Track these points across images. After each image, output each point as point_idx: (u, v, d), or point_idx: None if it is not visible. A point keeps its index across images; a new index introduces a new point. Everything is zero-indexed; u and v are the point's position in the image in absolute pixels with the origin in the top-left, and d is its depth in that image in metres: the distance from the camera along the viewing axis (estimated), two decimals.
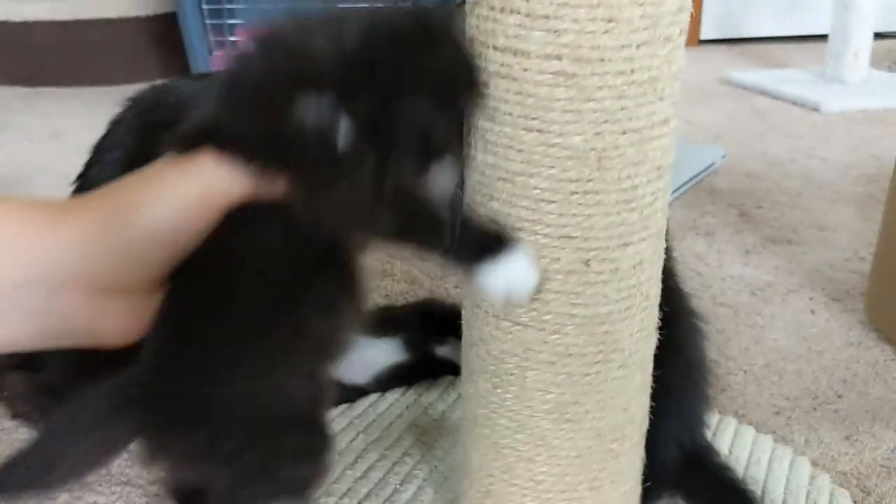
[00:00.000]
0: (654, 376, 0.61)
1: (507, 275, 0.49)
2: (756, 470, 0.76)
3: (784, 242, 1.31)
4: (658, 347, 0.60)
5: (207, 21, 2.02)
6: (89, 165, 0.80)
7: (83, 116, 2.08)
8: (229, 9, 2.05)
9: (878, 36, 2.44)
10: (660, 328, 0.59)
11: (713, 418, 0.84)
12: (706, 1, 3.14)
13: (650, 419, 0.62)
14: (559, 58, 0.47)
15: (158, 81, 0.85)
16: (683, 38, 0.51)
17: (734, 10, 3.17)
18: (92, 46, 2.37)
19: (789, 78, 2.39)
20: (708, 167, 1.62)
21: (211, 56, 2.08)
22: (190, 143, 0.48)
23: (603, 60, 0.47)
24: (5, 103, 2.24)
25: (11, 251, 0.47)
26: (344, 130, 0.43)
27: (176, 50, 2.22)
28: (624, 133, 0.49)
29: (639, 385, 0.59)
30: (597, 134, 0.49)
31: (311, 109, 0.43)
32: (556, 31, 0.47)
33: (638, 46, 0.48)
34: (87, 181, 0.80)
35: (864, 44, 2.26)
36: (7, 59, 2.38)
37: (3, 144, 1.88)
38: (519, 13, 0.47)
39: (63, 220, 0.48)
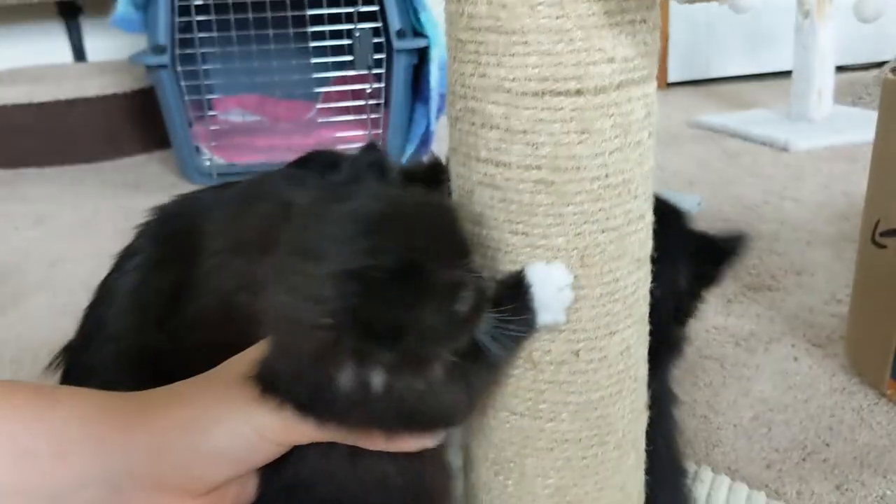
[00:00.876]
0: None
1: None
2: None
3: (764, 289, 1.34)
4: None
5: (186, 97, 2.05)
6: (112, 270, 0.82)
7: (66, 197, 2.10)
8: (207, 84, 2.09)
9: (841, 69, 2.52)
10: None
11: (707, 476, 0.86)
12: (672, 44, 3.22)
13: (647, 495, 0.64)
14: (538, 168, 0.50)
15: (183, 193, 0.86)
16: (653, 140, 0.54)
17: (700, 52, 3.25)
18: (72, 126, 2.40)
19: (756, 119, 2.45)
20: None
21: (190, 129, 2.11)
22: (258, 384, 0.49)
23: (579, 168, 0.50)
24: None
25: (88, 448, 0.48)
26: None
27: (154, 125, 2.26)
28: (603, 232, 0.52)
29: (633, 463, 0.61)
30: (577, 234, 0.52)
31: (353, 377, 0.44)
32: (534, 145, 0.50)
33: (611, 153, 0.51)
34: (107, 287, 0.82)
35: (826, 81, 2.33)
36: None
37: None
38: (499, 128, 0.51)
39: (137, 423, 0.49)
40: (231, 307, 0.77)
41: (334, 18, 2.07)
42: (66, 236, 1.77)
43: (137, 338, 0.77)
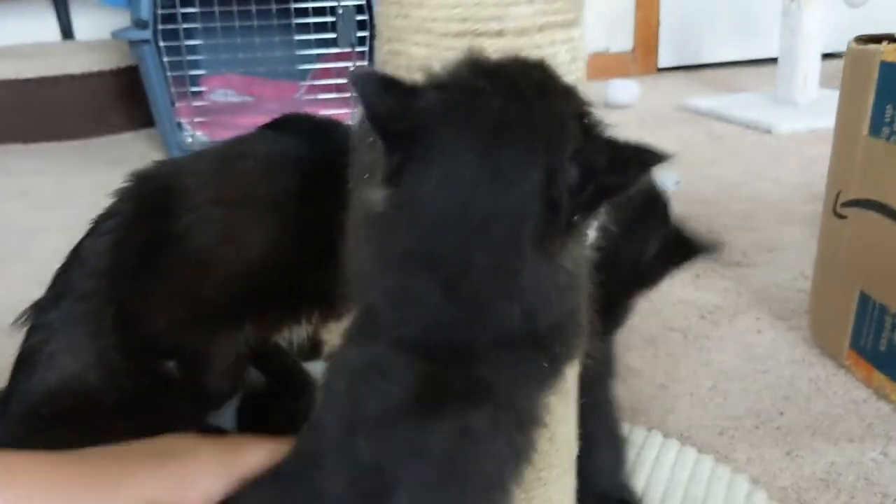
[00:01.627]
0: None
1: None
2: (696, 489, 0.79)
3: (733, 265, 1.34)
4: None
5: (169, 73, 2.05)
6: (87, 234, 0.82)
7: (51, 172, 2.10)
8: (190, 60, 2.09)
9: (828, 56, 2.51)
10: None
11: (656, 440, 0.87)
12: (663, 29, 3.22)
13: None
14: None
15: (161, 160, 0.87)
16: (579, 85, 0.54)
17: (690, 38, 3.24)
18: (57, 103, 2.40)
19: (742, 102, 2.45)
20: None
21: (173, 108, 2.11)
22: None
23: None
24: None
25: None
26: None
27: (140, 102, 2.25)
28: None
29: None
30: None
31: None
32: None
33: None
34: (82, 249, 0.82)
35: (812, 66, 2.32)
36: None
37: None
38: (423, 70, 0.51)
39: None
40: (211, 257, 0.77)
41: None
42: (46, 208, 1.77)
43: (108, 298, 0.78)
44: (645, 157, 0.44)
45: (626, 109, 2.57)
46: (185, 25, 2.02)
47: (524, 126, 0.43)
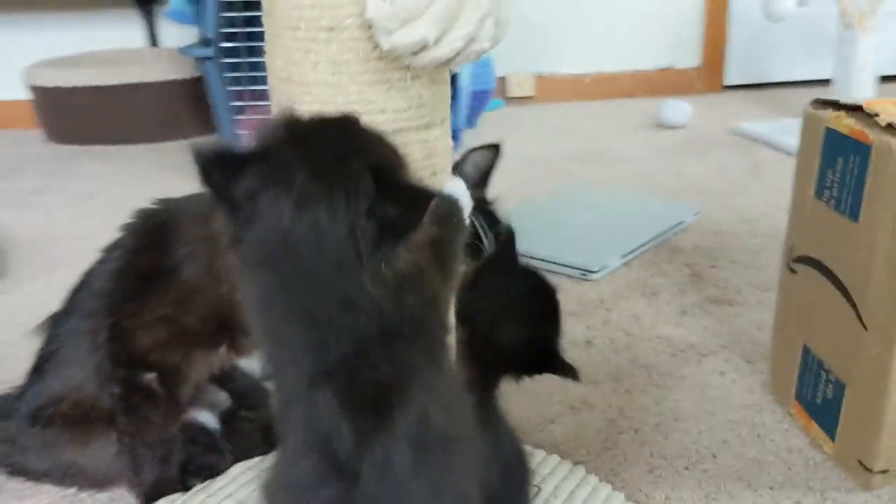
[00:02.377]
0: None
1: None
2: None
3: (724, 303, 1.38)
4: None
5: (229, 87, 2.20)
6: (98, 260, 0.95)
7: (119, 176, 2.29)
8: (251, 76, 2.23)
9: (887, 79, 2.47)
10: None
11: (563, 470, 0.92)
12: (731, 46, 3.20)
13: None
14: None
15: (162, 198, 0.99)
16: (441, 178, 0.62)
17: (759, 56, 3.21)
18: (136, 108, 2.59)
19: (794, 128, 2.42)
20: (676, 225, 1.70)
21: (234, 119, 2.26)
22: None
23: None
24: (55, 162, 2.48)
25: None
26: None
27: (209, 110, 2.42)
28: None
29: None
30: None
31: None
32: None
33: None
34: (91, 273, 0.95)
35: (865, 93, 2.29)
36: (58, 120, 2.64)
37: (44, 205, 2.09)
38: None
39: None
40: (195, 289, 0.89)
41: None
42: (100, 214, 1.94)
43: (106, 317, 0.91)
44: (420, 200, 0.53)
45: (677, 130, 2.59)
46: (248, 44, 2.16)
47: (324, 193, 0.51)
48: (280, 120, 0.54)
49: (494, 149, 1.11)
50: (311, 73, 0.56)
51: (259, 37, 0.65)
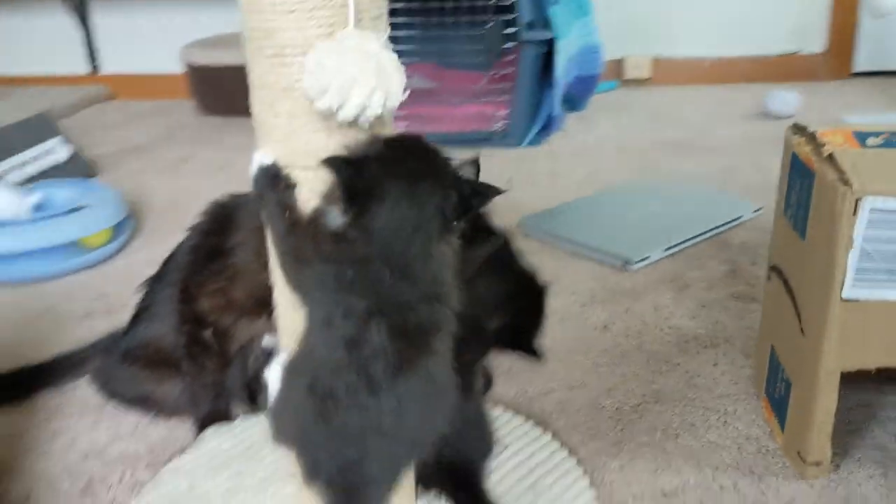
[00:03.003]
0: None
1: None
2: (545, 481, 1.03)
3: (747, 300, 1.48)
4: None
5: None
6: (185, 238, 1.20)
7: (247, 149, 2.58)
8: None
9: None
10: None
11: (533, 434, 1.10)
12: (862, 31, 3.11)
13: None
14: None
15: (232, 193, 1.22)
16: None
17: (894, 41, 3.11)
18: None
19: None
20: (732, 221, 1.79)
21: None
22: None
23: None
24: (203, 132, 2.82)
25: None
26: None
27: None
28: None
29: None
30: None
31: None
32: None
33: None
34: (178, 247, 1.21)
35: None
36: (207, 95, 2.99)
37: (187, 172, 2.42)
38: None
39: None
40: (243, 269, 1.13)
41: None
42: (234, 182, 2.23)
43: (181, 285, 1.17)
44: (487, 191, 0.73)
45: (781, 121, 2.60)
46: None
47: (426, 173, 0.71)
48: (372, 137, 0.73)
49: (474, 164, 1.27)
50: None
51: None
